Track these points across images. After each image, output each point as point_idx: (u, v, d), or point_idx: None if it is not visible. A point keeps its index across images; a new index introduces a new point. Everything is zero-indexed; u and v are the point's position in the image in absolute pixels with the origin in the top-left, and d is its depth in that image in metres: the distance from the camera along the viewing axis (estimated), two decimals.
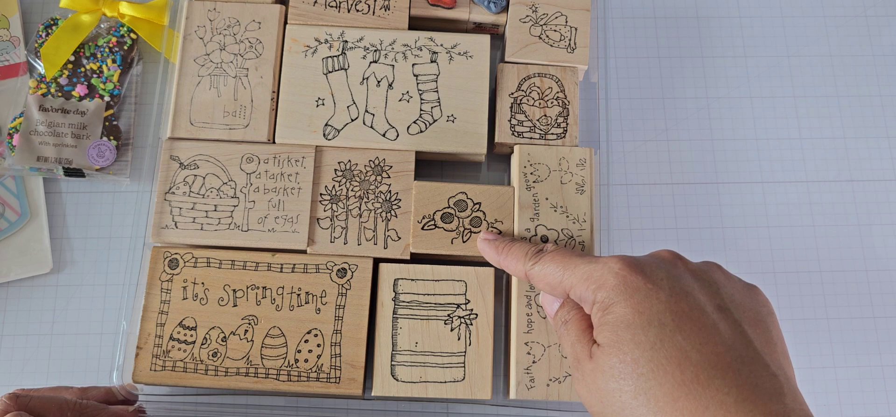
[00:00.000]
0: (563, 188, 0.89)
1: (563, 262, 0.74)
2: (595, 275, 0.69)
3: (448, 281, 0.86)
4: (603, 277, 0.69)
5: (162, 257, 0.87)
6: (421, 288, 0.86)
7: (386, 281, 0.86)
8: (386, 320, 0.85)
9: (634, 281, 0.67)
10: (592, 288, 0.69)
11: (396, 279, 0.86)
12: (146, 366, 0.84)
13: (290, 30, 0.94)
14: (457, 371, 0.84)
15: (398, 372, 0.83)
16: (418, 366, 0.83)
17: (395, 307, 0.85)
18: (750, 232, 0.98)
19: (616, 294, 0.67)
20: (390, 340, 0.84)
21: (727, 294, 0.69)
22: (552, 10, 0.95)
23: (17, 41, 1.00)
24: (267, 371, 0.84)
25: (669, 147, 1.01)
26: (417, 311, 0.85)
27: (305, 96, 0.92)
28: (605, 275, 0.68)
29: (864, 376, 0.94)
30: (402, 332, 0.84)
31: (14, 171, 0.95)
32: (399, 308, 0.85)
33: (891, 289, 0.97)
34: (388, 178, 0.90)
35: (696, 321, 0.65)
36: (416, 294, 0.85)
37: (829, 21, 1.07)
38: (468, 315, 0.85)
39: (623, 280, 0.67)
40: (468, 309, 0.85)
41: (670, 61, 1.04)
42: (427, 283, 0.86)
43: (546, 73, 0.93)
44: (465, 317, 0.85)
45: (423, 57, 0.93)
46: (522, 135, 0.91)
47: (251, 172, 0.89)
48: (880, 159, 1.01)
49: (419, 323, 0.85)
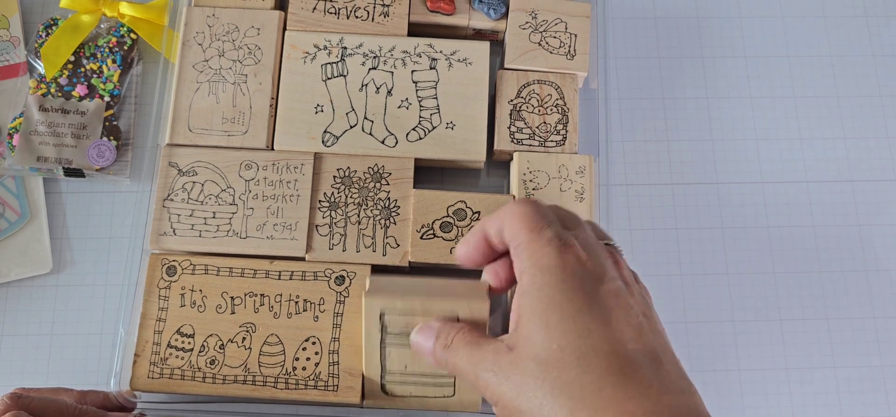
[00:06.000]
0: (562, 195, 0.89)
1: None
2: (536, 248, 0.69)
3: (439, 309, 0.78)
4: (542, 253, 0.68)
5: (160, 264, 0.87)
6: (409, 321, 0.79)
7: (372, 314, 0.80)
8: (373, 348, 0.81)
9: (572, 265, 0.67)
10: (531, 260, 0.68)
11: (382, 312, 0.79)
12: (144, 374, 0.84)
13: (289, 36, 0.94)
14: (447, 389, 0.82)
15: (389, 388, 0.82)
16: (409, 384, 0.82)
17: (382, 337, 0.81)
18: (750, 232, 0.98)
19: (550, 274, 0.67)
20: (379, 363, 0.82)
21: (639, 295, 0.71)
22: (552, 16, 0.95)
23: (17, 41, 0.99)
24: (265, 379, 0.84)
25: (669, 147, 1.01)
26: (406, 341, 0.80)
27: (304, 103, 0.92)
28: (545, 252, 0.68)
29: (864, 376, 0.94)
30: (391, 358, 0.81)
31: (14, 171, 0.95)
32: (387, 337, 0.81)
33: (891, 289, 0.97)
34: (387, 185, 0.90)
35: (624, 313, 0.66)
36: (405, 325, 0.79)
37: (829, 21, 1.06)
38: None
39: (562, 261, 0.67)
40: None
41: (670, 62, 1.04)
42: (416, 318, 0.79)
43: (545, 80, 0.93)
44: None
45: (422, 63, 0.93)
46: (522, 142, 0.91)
47: (250, 179, 0.89)
48: (880, 159, 1.01)
49: (408, 350, 0.80)
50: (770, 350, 0.94)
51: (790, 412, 0.92)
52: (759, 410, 0.92)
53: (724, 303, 0.96)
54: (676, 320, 0.95)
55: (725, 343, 0.94)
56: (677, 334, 0.94)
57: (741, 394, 0.93)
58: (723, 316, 0.95)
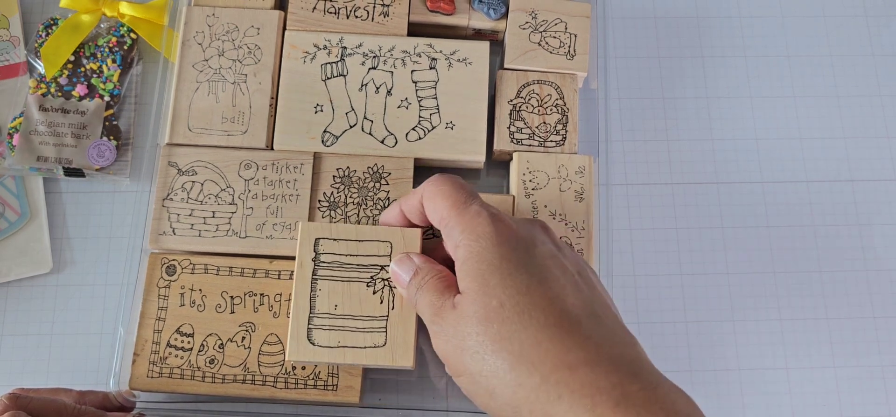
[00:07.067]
0: (562, 196, 0.89)
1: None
2: (467, 221, 0.72)
3: (373, 241, 0.82)
4: (475, 224, 0.71)
5: (159, 263, 0.87)
6: (343, 248, 0.82)
7: (306, 241, 0.82)
8: (304, 282, 0.81)
9: (505, 232, 0.71)
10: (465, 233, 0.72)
11: (318, 238, 0.82)
12: (143, 373, 0.84)
13: (289, 36, 0.94)
14: (378, 336, 0.80)
15: (315, 336, 0.80)
16: (337, 331, 0.80)
17: (314, 268, 0.81)
18: (750, 232, 0.98)
19: (486, 240, 0.70)
20: (308, 303, 0.81)
21: (573, 258, 0.76)
22: (552, 16, 0.95)
23: (17, 41, 0.99)
24: (264, 379, 0.84)
25: (669, 147, 1.01)
26: (338, 273, 0.81)
27: (304, 102, 0.92)
28: (476, 223, 0.71)
29: (864, 376, 0.94)
30: (321, 295, 0.80)
31: (14, 171, 0.95)
32: (319, 269, 0.81)
33: (891, 289, 0.97)
34: (386, 185, 0.89)
35: (560, 271, 0.70)
36: (339, 254, 0.81)
37: (829, 21, 1.06)
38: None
39: (495, 229, 0.70)
40: None
41: (670, 61, 1.04)
42: (350, 243, 0.82)
43: (545, 80, 0.93)
44: (388, 280, 0.81)
45: (422, 63, 0.93)
46: (521, 142, 0.91)
47: (249, 179, 0.89)
48: (880, 159, 1.01)
49: (340, 284, 0.81)
50: (770, 350, 0.94)
51: (790, 412, 0.92)
52: (759, 410, 0.92)
53: (724, 303, 0.95)
54: (676, 320, 0.95)
55: (725, 343, 0.94)
56: (677, 334, 0.94)
57: (741, 394, 0.93)
58: (723, 316, 0.95)
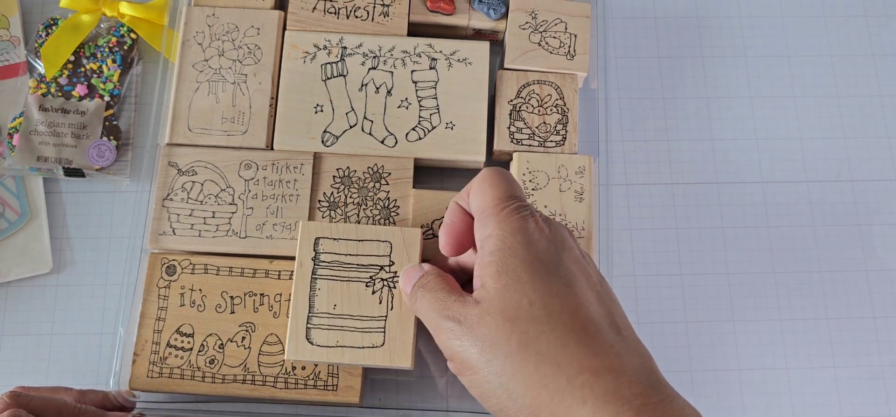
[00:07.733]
0: (562, 196, 0.89)
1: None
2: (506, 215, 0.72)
3: (372, 241, 0.83)
4: (512, 219, 0.71)
5: (159, 263, 0.87)
6: (343, 247, 0.83)
7: (306, 240, 0.83)
8: (304, 281, 0.82)
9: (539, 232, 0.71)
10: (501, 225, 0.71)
11: (318, 237, 0.83)
12: (143, 373, 0.84)
13: (289, 36, 0.94)
14: (376, 336, 0.81)
15: (314, 336, 0.81)
16: (335, 330, 0.81)
17: (314, 267, 0.82)
18: (750, 232, 0.98)
19: (521, 236, 0.70)
20: (307, 301, 0.82)
21: (594, 268, 0.74)
22: (552, 16, 0.95)
23: (17, 41, 0.99)
24: (264, 379, 0.84)
25: (669, 147, 1.01)
26: (338, 272, 0.82)
27: (304, 102, 0.92)
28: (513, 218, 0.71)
29: (864, 376, 0.94)
30: (321, 294, 0.82)
31: (14, 171, 0.95)
32: (319, 268, 0.82)
33: (891, 289, 0.97)
34: (386, 185, 0.90)
35: (585, 279, 0.70)
36: (338, 254, 0.83)
37: (829, 21, 1.06)
38: (391, 277, 0.82)
39: (530, 227, 0.71)
40: (392, 272, 0.83)
41: (670, 62, 1.04)
42: (350, 243, 0.83)
43: (545, 80, 0.93)
44: (387, 280, 0.82)
45: (422, 63, 0.93)
46: (521, 142, 0.91)
47: (249, 179, 0.89)
48: (880, 159, 1.01)
49: (339, 284, 0.82)
50: (770, 350, 0.94)
51: (790, 412, 0.92)
52: (759, 410, 0.92)
53: (724, 303, 0.95)
54: (676, 320, 0.95)
55: (725, 343, 0.94)
56: (677, 334, 0.94)
57: (741, 394, 0.93)
58: (723, 316, 0.95)
